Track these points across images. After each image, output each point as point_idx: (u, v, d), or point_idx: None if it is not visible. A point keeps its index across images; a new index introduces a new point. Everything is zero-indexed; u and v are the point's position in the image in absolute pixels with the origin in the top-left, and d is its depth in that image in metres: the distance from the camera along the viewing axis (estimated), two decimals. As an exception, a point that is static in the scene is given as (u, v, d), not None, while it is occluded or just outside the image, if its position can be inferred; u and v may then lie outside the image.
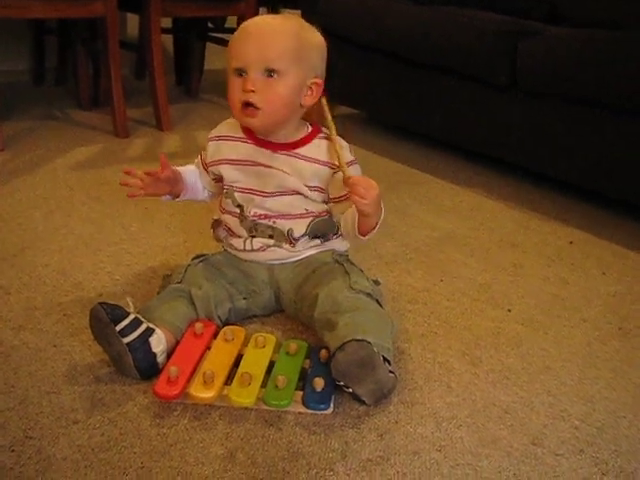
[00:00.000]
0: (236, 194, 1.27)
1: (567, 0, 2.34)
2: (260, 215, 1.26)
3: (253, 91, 1.15)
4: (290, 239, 1.27)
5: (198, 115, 2.90)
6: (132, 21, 3.34)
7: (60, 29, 3.05)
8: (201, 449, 0.96)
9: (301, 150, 1.24)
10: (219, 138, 1.30)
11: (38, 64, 3.20)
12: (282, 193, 1.25)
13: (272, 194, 1.25)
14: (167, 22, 3.05)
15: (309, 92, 1.21)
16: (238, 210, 1.28)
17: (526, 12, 2.32)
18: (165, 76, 2.59)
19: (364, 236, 1.21)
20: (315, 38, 1.22)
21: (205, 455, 0.95)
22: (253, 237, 1.28)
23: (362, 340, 1.03)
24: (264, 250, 1.28)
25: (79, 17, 2.45)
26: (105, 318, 1.04)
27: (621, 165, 1.86)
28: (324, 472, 0.94)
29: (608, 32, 1.90)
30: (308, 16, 2.81)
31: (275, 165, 1.24)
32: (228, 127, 1.31)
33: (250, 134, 1.26)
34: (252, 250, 1.28)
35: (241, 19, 2.86)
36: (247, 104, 1.16)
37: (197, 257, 1.32)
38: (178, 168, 1.33)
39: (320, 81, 1.21)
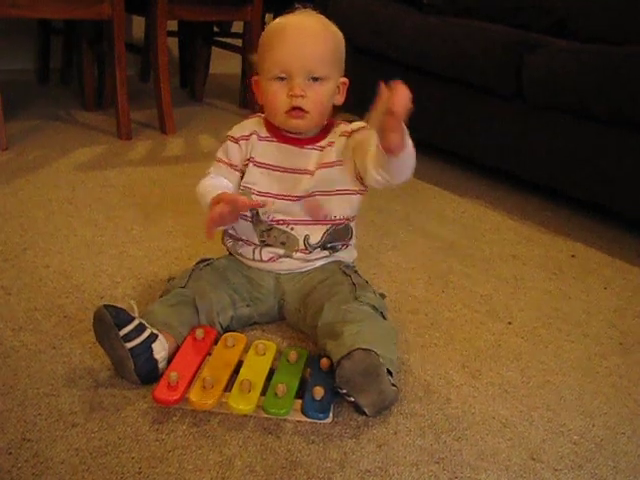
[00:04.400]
0: (253, 196, 1.26)
1: (575, 14, 2.34)
2: (278, 220, 1.26)
3: (303, 96, 1.17)
4: (306, 246, 1.27)
5: (202, 119, 2.91)
6: (138, 23, 3.35)
7: (66, 30, 3.06)
8: (199, 455, 0.95)
9: (323, 142, 1.26)
10: (246, 138, 1.29)
11: (43, 64, 3.21)
12: (303, 197, 1.25)
13: (296, 198, 1.25)
14: (173, 25, 3.05)
15: (338, 91, 1.25)
16: (250, 213, 1.27)
17: (533, 23, 2.32)
18: (170, 79, 2.59)
19: (397, 155, 1.11)
20: (340, 35, 1.24)
21: (203, 462, 0.94)
22: (264, 245, 1.27)
23: (369, 350, 1.02)
24: (274, 261, 1.28)
25: (86, 19, 2.45)
26: (109, 321, 1.04)
27: (625, 179, 1.86)
28: (322, 482, 0.93)
29: (614, 46, 1.91)
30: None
31: (302, 164, 1.25)
32: (251, 126, 1.30)
33: (275, 132, 1.27)
34: (261, 261, 1.28)
35: (247, 24, 2.86)
36: (294, 108, 1.19)
37: (202, 261, 1.32)
38: (220, 191, 1.23)
39: (346, 80, 1.25)
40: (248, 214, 1.27)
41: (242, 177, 1.29)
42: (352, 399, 1.04)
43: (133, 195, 1.93)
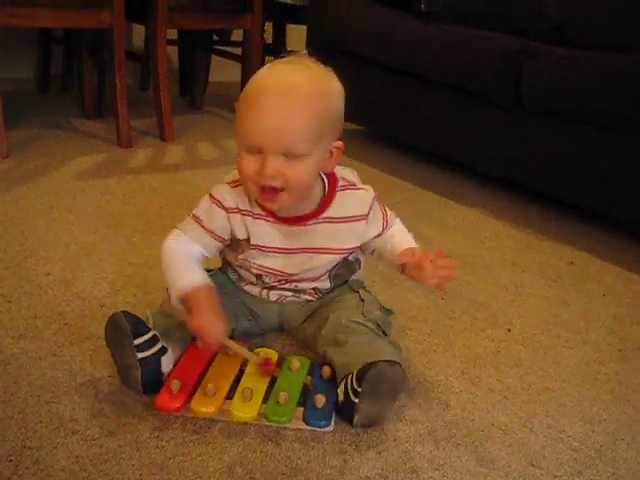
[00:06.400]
0: (254, 270, 1.20)
1: (573, 22, 2.34)
2: (281, 281, 1.22)
3: (275, 177, 1.02)
4: (316, 292, 1.26)
5: (202, 127, 2.91)
6: (138, 32, 3.36)
7: (67, 38, 3.07)
8: (200, 463, 0.95)
9: (329, 212, 1.15)
10: (235, 212, 1.13)
11: (44, 72, 3.22)
12: (309, 270, 1.20)
13: (298, 274, 1.20)
14: (172, 33, 3.06)
15: (330, 156, 1.09)
16: (255, 279, 1.23)
17: (531, 30, 2.33)
18: (169, 87, 2.60)
19: None
20: (335, 91, 1.06)
21: (203, 469, 0.94)
22: (270, 289, 1.25)
23: (404, 370, 1.04)
24: (283, 300, 1.26)
25: (86, 27, 2.46)
26: (126, 329, 1.03)
27: (624, 187, 1.86)
28: (322, 489, 0.94)
29: (612, 54, 1.91)
30: (314, 31, 2.84)
31: (309, 242, 1.15)
32: (239, 197, 1.13)
33: (268, 210, 1.13)
34: (268, 300, 1.25)
35: (247, 32, 2.87)
36: (266, 187, 1.04)
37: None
38: (200, 282, 1.12)
39: (341, 143, 1.09)
40: (253, 271, 1.21)
41: (225, 244, 1.18)
42: (355, 401, 1.02)
43: (133, 203, 1.93)
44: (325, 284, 1.25)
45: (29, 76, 3.35)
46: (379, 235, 1.22)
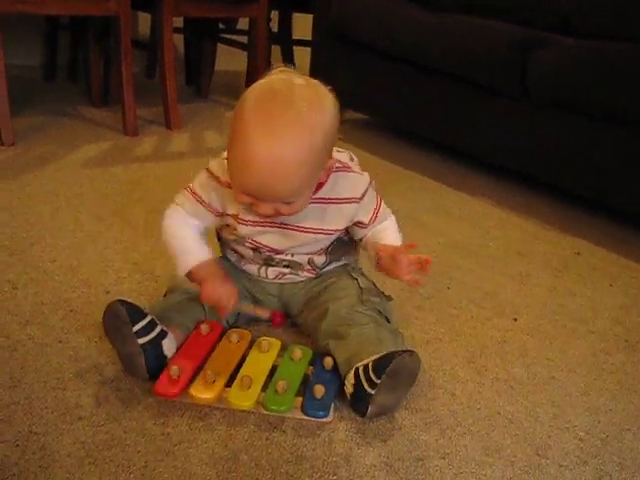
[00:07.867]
0: (248, 245, 1.20)
1: (579, 11, 2.33)
2: (276, 250, 1.20)
3: (273, 216, 1.05)
4: (312, 266, 1.25)
5: (207, 115, 2.91)
6: (144, 20, 3.35)
7: (73, 26, 3.06)
8: (205, 450, 0.96)
9: (321, 192, 1.12)
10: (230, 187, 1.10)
11: (50, 60, 3.21)
12: (302, 245, 1.19)
13: (292, 248, 1.19)
14: (178, 22, 3.06)
15: (323, 173, 1.07)
16: (252, 253, 1.22)
17: (538, 20, 2.32)
18: (176, 76, 2.60)
19: None
20: (329, 114, 1.00)
21: (209, 456, 0.94)
22: (268, 265, 1.24)
23: (419, 360, 1.04)
24: (280, 278, 1.26)
25: (93, 15, 2.45)
26: (124, 317, 1.03)
27: (630, 178, 1.85)
28: (328, 476, 0.93)
29: (619, 44, 1.90)
30: (320, 20, 2.83)
31: (298, 221, 1.14)
32: (230, 196, 1.13)
33: None
34: (267, 278, 1.25)
35: (253, 21, 2.86)
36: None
37: None
38: (202, 256, 1.16)
39: (333, 160, 1.07)
40: (249, 240, 1.19)
41: (221, 217, 1.18)
42: (371, 392, 1.00)
43: (139, 191, 1.93)
44: (321, 259, 1.25)
45: (35, 64, 3.35)
46: (366, 224, 1.19)
